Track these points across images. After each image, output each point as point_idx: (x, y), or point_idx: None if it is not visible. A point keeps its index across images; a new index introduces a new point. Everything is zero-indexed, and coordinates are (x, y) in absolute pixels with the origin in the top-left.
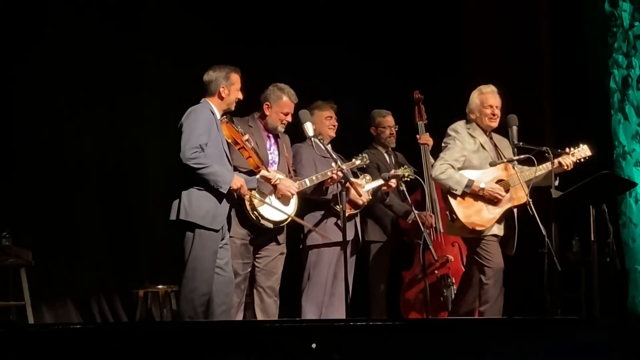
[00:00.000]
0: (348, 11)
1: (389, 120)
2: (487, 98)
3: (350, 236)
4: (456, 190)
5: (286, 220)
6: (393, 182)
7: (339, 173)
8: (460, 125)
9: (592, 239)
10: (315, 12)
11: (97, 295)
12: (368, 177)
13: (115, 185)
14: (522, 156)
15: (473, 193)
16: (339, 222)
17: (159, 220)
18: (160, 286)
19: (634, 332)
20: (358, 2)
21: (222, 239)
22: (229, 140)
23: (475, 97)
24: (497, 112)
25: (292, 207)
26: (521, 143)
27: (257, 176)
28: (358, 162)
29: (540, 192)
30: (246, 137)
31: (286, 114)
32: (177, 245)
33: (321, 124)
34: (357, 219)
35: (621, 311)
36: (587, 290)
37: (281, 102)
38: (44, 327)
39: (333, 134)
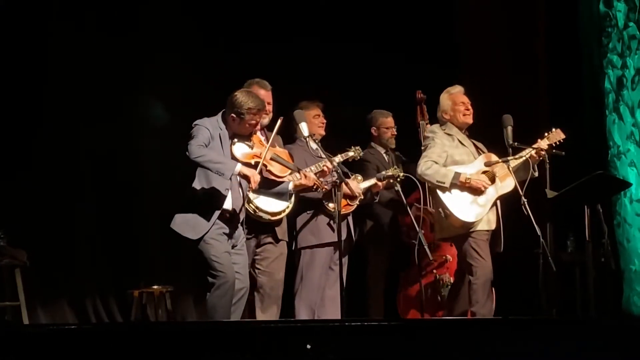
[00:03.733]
0: (346, 11)
1: (391, 121)
2: (457, 96)
3: (342, 236)
4: (444, 183)
5: (283, 211)
6: (382, 183)
7: (328, 165)
8: (435, 126)
9: (587, 239)
10: (313, 12)
11: (92, 296)
12: (360, 177)
13: (111, 186)
14: (517, 156)
15: (460, 185)
16: (331, 222)
17: (154, 220)
18: (155, 286)
19: (628, 332)
20: (357, 1)
21: (234, 247)
22: (245, 161)
23: (445, 99)
24: (470, 107)
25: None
26: (516, 143)
27: (290, 187)
28: (351, 153)
29: (535, 191)
30: (260, 150)
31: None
32: (173, 246)
33: (310, 123)
34: (350, 219)
35: (616, 311)
36: (582, 290)
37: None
38: (39, 328)
39: (323, 132)
